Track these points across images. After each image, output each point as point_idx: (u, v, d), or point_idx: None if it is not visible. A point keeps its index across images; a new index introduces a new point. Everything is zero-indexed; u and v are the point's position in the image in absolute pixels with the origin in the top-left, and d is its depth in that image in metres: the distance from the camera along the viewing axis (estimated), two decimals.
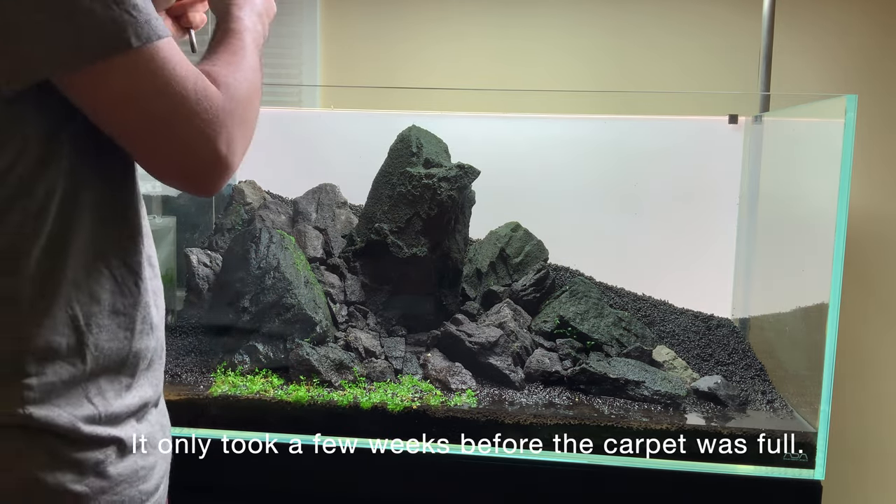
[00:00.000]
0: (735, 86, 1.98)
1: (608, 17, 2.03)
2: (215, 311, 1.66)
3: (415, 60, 2.09)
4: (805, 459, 1.37)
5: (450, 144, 1.81)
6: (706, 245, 1.93)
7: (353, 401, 1.46)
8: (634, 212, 1.91)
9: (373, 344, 1.62)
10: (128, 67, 0.71)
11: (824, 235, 1.38)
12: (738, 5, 1.96)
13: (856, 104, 1.32)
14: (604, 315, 1.69)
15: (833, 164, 1.34)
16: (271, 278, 1.60)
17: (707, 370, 1.65)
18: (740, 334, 1.78)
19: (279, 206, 1.91)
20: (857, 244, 1.94)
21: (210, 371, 1.56)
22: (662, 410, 1.47)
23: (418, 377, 1.56)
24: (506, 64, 2.07)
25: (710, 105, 1.92)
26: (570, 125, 1.93)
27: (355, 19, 2.11)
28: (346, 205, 1.94)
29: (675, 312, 1.84)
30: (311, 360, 1.52)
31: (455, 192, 1.68)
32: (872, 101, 1.91)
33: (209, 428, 1.46)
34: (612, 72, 2.03)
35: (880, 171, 1.95)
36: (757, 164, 1.84)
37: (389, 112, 1.91)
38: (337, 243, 1.84)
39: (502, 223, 1.88)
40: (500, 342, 1.58)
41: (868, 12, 1.93)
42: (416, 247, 1.69)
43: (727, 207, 1.91)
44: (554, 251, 1.87)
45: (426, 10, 2.08)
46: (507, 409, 1.47)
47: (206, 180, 0.78)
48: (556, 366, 1.58)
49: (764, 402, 1.53)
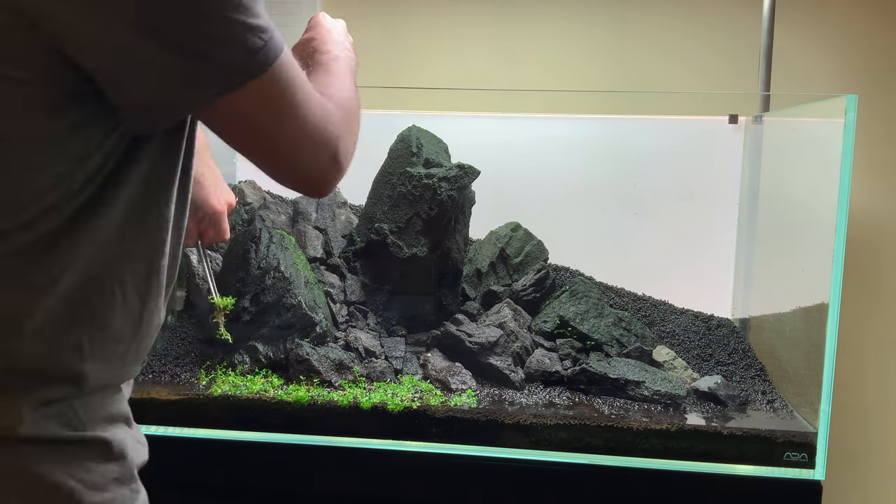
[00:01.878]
0: (735, 86, 1.98)
1: (608, 17, 2.03)
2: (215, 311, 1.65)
3: (415, 60, 2.09)
4: (805, 459, 1.37)
5: (450, 144, 1.81)
6: (706, 245, 1.93)
7: (353, 401, 1.46)
8: (635, 212, 1.91)
9: (373, 344, 1.62)
10: (262, 88, 0.73)
11: (824, 235, 1.38)
12: (739, 5, 1.96)
13: (856, 104, 1.32)
14: (604, 315, 1.69)
15: (833, 164, 1.34)
16: (271, 278, 1.60)
17: (707, 370, 1.65)
18: (740, 334, 1.78)
19: (279, 206, 1.91)
20: (857, 244, 1.94)
21: (210, 371, 1.56)
22: (662, 410, 1.47)
23: (418, 377, 1.56)
24: (506, 64, 2.06)
25: (711, 105, 1.92)
26: (570, 125, 1.93)
27: (355, 19, 2.10)
28: (346, 205, 1.94)
29: (675, 312, 1.84)
30: (311, 360, 1.52)
31: (455, 192, 1.68)
32: (873, 101, 1.91)
33: (209, 428, 1.46)
34: (612, 72, 2.03)
35: (880, 171, 1.95)
36: (757, 164, 1.84)
37: (389, 112, 1.90)
38: (337, 243, 1.84)
39: (502, 223, 1.88)
40: (500, 342, 1.58)
41: (868, 12, 1.93)
42: (416, 247, 1.69)
43: (727, 207, 1.91)
44: (554, 251, 1.87)
45: (426, 9, 2.08)
46: (507, 409, 1.47)
47: (324, 186, 0.85)
48: (556, 366, 1.58)
49: (764, 402, 1.53)
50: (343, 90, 0.91)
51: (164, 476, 1.43)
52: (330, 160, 0.82)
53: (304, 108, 0.77)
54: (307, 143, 0.79)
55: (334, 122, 0.82)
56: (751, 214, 1.87)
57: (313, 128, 0.79)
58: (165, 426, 1.45)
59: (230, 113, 0.74)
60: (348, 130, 0.86)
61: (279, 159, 0.80)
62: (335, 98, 0.86)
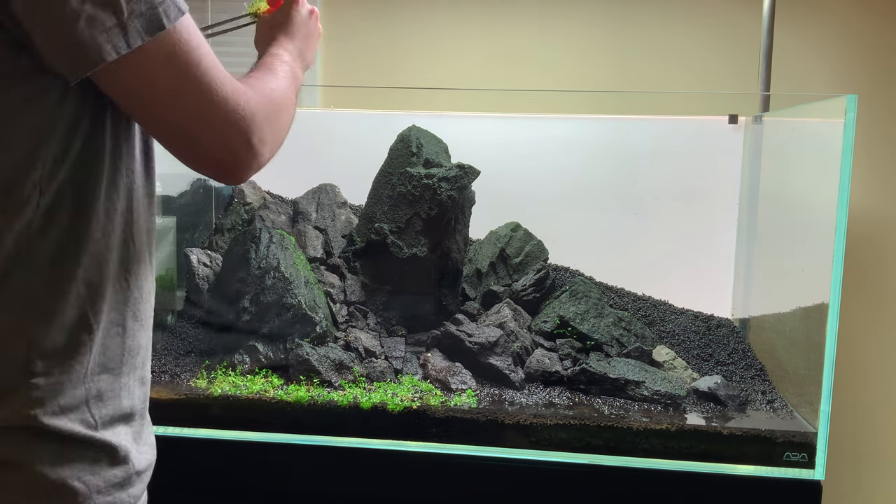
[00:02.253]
0: (735, 86, 1.98)
1: (608, 17, 2.03)
2: (215, 311, 1.66)
3: (415, 60, 2.09)
4: (805, 459, 1.37)
5: (450, 144, 1.81)
6: (706, 245, 1.93)
7: (353, 401, 1.46)
8: (634, 212, 1.91)
9: (373, 344, 1.62)
10: (162, 47, 0.73)
11: (824, 235, 1.38)
12: (739, 5, 1.96)
13: (856, 104, 1.32)
14: (604, 315, 1.69)
15: (833, 164, 1.34)
16: (271, 278, 1.60)
17: (707, 370, 1.65)
18: (740, 334, 1.78)
19: (279, 206, 1.91)
20: (857, 244, 1.94)
21: (210, 371, 1.56)
22: (662, 410, 1.47)
23: (418, 377, 1.56)
24: (506, 64, 2.07)
25: (710, 105, 1.92)
26: (571, 125, 1.93)
27: (355, 19, 2.11)
28: (346, 205, 1.94)
29: (675, 312, 1.84)
30: (311, 360, 1.52)
31: (455, 192, 1.68)
32: (873, 101, 1.91)
33: (209, 428, 1.46)
34: (612, 72, 2.03)
35: (880, 171, 1.95)
36: (757, 164, 1.84)
37: (389, 112, 1.91)
38: (337, 243, 1.84)
39: (502, 223, 1.88)
40: (500, 342, 1.58)
41: (868, 12, 1.93)
42: (416, 247, 1.69)
43: (727, 207, 1.91)
44: (554, 251, 1.87)
45: (426, 9, 2.08)
46: (507, 409, 1.47)
47: (236, 169, 0.82)
48: (556, 366, 1.58)
49: (764, 402, 1.53)
50: (270, 83, 0.90)
51: (165, 476, 1.44)
52: (242, 142, 0.80)
53: (209, 78, 0.76)
54: (213, 118, 0.78)
55: (248, 103, 0.80)
56: (751, 214, 1.87)
57: (222, 102, 0.77)
58: (165, 426, 1.45)
59: (131, 74, 0.73)
60: (268, 118, 0.84)
61: (184, 133, 0.78)
62: (257, 87, 0.86)
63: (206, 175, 0.85)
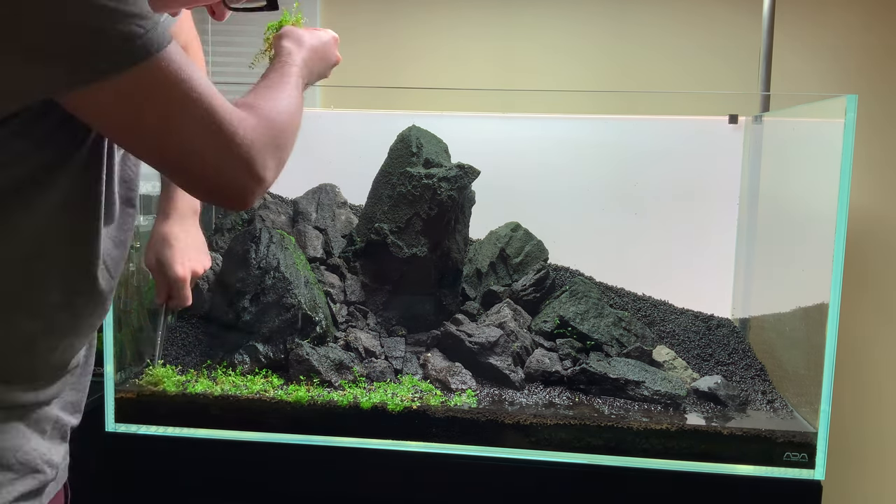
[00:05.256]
0: (735, 86, 1.98)
1: (608, 18, 2.03)
2: (215, 311, 1.66)
3: (415, 60, 2.10)
4: (805, 459, 1.37)
5: (450, 144, 1.81)
6: (706, 245, 1.93)
7: (353, 401, 1.46)
8: (634, 212, 1.91)
9: (373, 344, 1.62)
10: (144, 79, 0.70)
11: (824, 235, 1.38)
12: (739, 5, 1.96)
13: (856, 104, 1.32)
14: (604, 315, 1.69)
15: (833, 164, 1.34)
16: (271, 278, 1.60)
17: (707, 370, 1.65)
18: (740, 334, 1.78)
19: (279, 206, 1.91)
20: (857, 244, 1.94)
21: (211, 371, 1.56)
22: (662, 410, 1.47)
23: (418, 377, 1.56)
24: (506, 64, 2.07)
25: (710, 105, 1.93)
26: (570, 125, 1.93)
27: (355, 19, 2.11)
28: (346, 205, 1.94)
29: (675, 312, 1.84)
30: (311, 360, 1.52)
31: (455, 192, 1.68)
32: (873, 101, 1.91)
33: (209, 428, 1.46)
34: (612, 72, 2.04)
35: (880, 171, 1.95)
36: (757, 164, 1.84)
37: (389, 112, 1.91)
38: (337, 243, 1.84)
39: (502, 223, 1.88)
40: (500, 342, 1.58)
41: (868, 12, 1.93)
42: (416, 247, 1.69)
43: (727, 207, 1.91)
44: (554, 251, 1.87)
45: (426, 10, 2.09)
46: (507, 409, 1.47)
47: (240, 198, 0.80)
48: (556, 366, 1.58)
49: (764, 402, 1.53)
50: (277, 102, 0.87)
51: (165, 476, 1.44)
52: (244, 172, 0.78)
53: (201, 109, 0.73)
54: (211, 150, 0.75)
55: (248, 131, 0.78)
56: (751, 214, 1.87)
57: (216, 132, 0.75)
58: (165, 426, 1.45)
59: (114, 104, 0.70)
60: (271, 143, 0.81)
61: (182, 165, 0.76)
62: (262, 109, 0.83)
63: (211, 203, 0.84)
